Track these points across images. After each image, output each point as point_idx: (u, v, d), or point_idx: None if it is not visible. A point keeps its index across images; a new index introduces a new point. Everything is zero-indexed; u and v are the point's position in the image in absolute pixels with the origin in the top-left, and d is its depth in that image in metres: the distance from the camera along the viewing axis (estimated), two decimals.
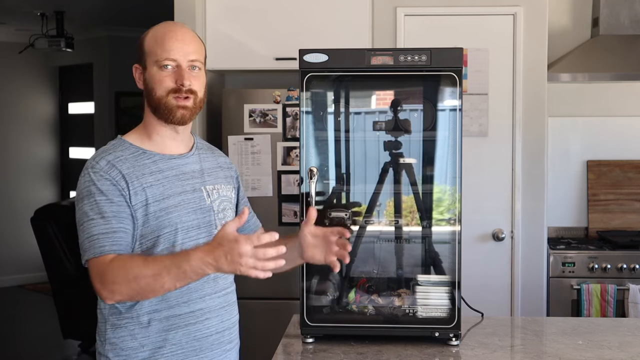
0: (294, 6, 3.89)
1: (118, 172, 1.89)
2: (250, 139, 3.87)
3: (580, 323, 2.66)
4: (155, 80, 1.95)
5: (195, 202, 1.97)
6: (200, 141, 2.14)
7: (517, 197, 3.87)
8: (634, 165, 4.30)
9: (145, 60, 1.97)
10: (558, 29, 4.27)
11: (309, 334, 2.39)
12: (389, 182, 2.62)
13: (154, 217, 1.89)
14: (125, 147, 1.97)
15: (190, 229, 1.94)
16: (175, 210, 1.92)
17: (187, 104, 1.95)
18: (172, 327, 1.93)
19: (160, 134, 2.00)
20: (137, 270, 1.77)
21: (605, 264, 3.81)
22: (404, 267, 2.64)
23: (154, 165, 1.95)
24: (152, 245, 1.89)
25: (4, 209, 7.96)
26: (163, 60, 1.94)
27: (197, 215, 1.96)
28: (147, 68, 1.97)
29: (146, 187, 1.90)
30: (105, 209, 1.86)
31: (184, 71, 1.94)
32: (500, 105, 3.88)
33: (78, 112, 8.43)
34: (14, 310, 7.15)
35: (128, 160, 1.93)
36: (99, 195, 1.87)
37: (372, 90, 2.76)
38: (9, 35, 7.76)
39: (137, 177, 1.90)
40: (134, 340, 1.92)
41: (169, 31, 1.97)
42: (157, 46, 1.95)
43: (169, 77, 1.94)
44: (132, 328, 1.92)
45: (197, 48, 1.99)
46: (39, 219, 5.48)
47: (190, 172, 2.00)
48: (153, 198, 1.90)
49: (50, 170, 8.46)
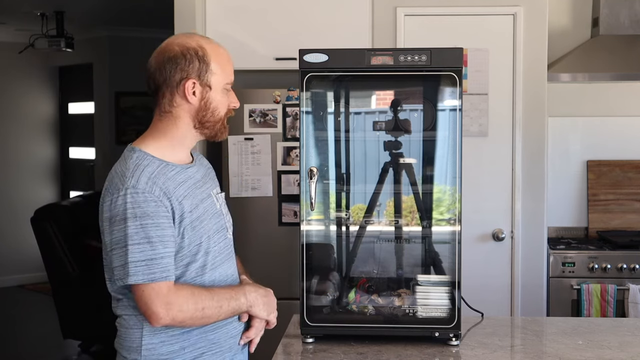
0: (294, 6, 3.89)
1: (159, 189, 1.88)
2: (250, 139, 3.86)
3: (580, 323, 2.66)
4: (221, 102, 2.01)
5: (212, 208, 2.03)
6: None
7: (517, 197, 3.87)
8: (634, 165, 4.30)
9: (210, 79, 1.97)
10: (558, 29, 4.27)
11: (309, 334, 2.39)
12: (389, 182, 2.62)
13: (192, 227, 1.93)
14: (150, 161, 1.92)
15: (214, 233, 2.01)
16: (205, 218, 1.98)
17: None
18: (212, 328, 1.98)
19: (185, 146, 2.03)
20: (207, 301, 1.91)
21: (605, 264, 3.81)
22: (404, 267, 2.64)
23: (179, 176, 1.96)
24: (192, 254, 1.94)
25: (4, 209, 7.96)
26: (229, 83, 2.02)
27: (216, 220, 2.03)
28: (212, 87, 1.98)
29: (182, 199, 1.92)
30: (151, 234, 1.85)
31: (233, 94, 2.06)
32: (500, 105, 3.88)
33: (78, 112, 8.43)
34: (14, 310, 7.15)
35: (159, 175, 1.91)
36: (144, 219, 1.85)
37: (372, 90, 2.76)
38: (9, 35, 7.76)
39: (173, 190, 1.91)
40: (174, 344, 1.94)
41: (225, 53, 2.03)
42: (223, 68, 2.00)
43: (230, 98, 2.04)
44: (172, 332, 1.93)
45: None
46: (39, 219, 5.48)
47: (200, 180, 2.04)
48: (188, 209, 1.93)
49: (50, 170, 8.46)
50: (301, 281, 2.43)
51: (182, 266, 1.93)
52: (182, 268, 1.93)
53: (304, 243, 2.44)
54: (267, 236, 3.86)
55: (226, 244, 2.06)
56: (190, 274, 1.95)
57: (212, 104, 1.99)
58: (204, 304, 1.90)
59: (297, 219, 3.75)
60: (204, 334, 1.97)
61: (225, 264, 2.04)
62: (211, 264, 1.99)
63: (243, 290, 2.00)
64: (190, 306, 1.88)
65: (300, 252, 2.44)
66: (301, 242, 2.45)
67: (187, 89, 1.95)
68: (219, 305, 1.93)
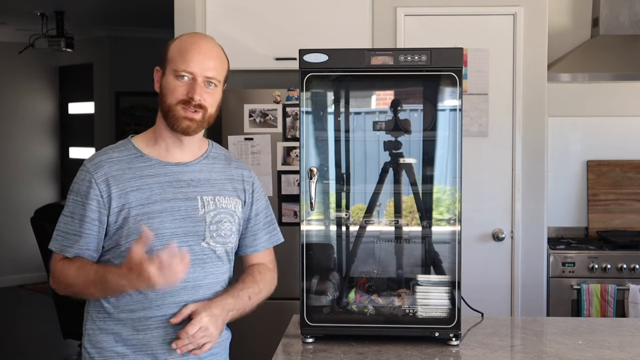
0: (294, 6, 3.89)
1: (103, 174, 1.96)
2: (250, 139, 3.86)
3: (580, 323, 2.66)
4: (169, 88, 1.98)
5: (186, 210, 1.99)
6: (217, 150, 2.16)
7: (517, 197, 3.87)
8: (634, 165, 4.30)
9: (166, 66, 2.01)
10: (558, 29, 4.27)
11: (309, 334, 2.39)
12: (389, 182, 2.62)
13: (135, 221, 1.94)
14: (127, 149, 2.02)
15: (173, 236, 1.95)
16: (158, 216, 1.95)
17: (195, 116, 1.98)
18: (143, 328, 1.96)
19: (165, 140, 2.03)
20: (71, 279, 1.95)
21: (605, 264, 3.81)
22: (404, 267, 2.64)
23: (147, 170, 1.99)
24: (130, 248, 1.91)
25: (4, 209, 7.96)
26: (181, 71, 1.97)
27: (184, 224, 1.98)
28: (165, 74, 2.00)
29: (130, 191, 1.95)
30: (76, 211, 1.97)
31: (198, 85, 1.97)
32: (500, 105, 3.88)
33: (78, 112, 8.43)
34: (14, 310, 7.15)
35: (121, 162, 1.99)
36: (75, 195, 1.98)
37: (372, 90, 2.75)
38: (9, 35, 7.76)
39: (124, 180, 1.96)
40: (107, 335, 1.98)
41: (194, 43, 2.00)
42: (180, 55, 1.98)
43: (182, 87, 1.97)
44: (109, 322, 1.98)
45: (217, 65, 2.02)
46: (39, 219, 5.48)
47: (186, 181, 2.02)
48: (136, 202, 1.95)
49: (50, 170, 8.46)
50: (301, 281, 2.43)
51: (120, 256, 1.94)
52: (120, 258, 1.93)
53: (304, 243, 2.45)
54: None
55: (193, 250, 1.96)
56: None
57: (163, 90, 2.00)
58: (69, 281, 1.95)
59: (297, 219, 3.75)
60: (136, 332, 1.96)
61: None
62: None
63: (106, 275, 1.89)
64: (61, 280, 1.98)
65: (300, 252, 2.44)
66: (301, 242, 2.45)
67: (154, 76, 2.05)
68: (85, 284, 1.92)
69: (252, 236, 2.18)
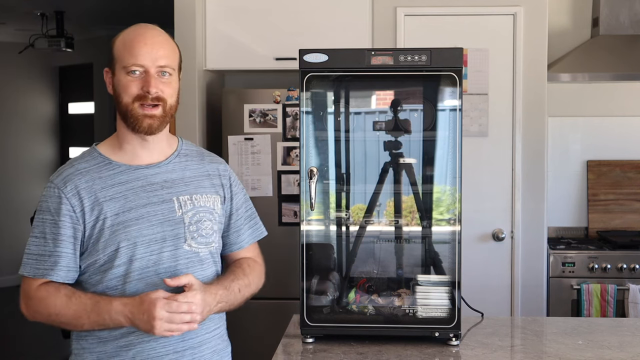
0: (294, 6, 3.89)
1: (73, 188, 1.85)
2: (250, 139, 3.86)
3: (580, 323, 2.66)
4: (121, 86, 1.87)
5: (163, 213, 1.88)
6: (188, 147, 2.04)
7: (517, 197, 3.87)
8: (634, 165, 4.30)
9: (114, 65, 1.89)
10: (558, 29, 4.27)
11: (309, 334, 2.39)
12: (389, 182, 2.62)
13: (111, 231, 1.83)
14: (93, 157, 1.92)
15: (152, 242, 1.86)
16: (135, 223, 1.85)
17: (155, 112, 1.87)
18: (126, 344, 1.85)
19: (130, 143, 1.92)
20: (59, 308, 1.82)
21: (605, 264, 3.81)
22: (404, 267, 2.64)
23: (118, 177, 1.88)
24: (110, 259, 1.84)
25: (4, 209, 7.96)
26: (130, 66, 1.85)
27: (162, 228, 1.87)
28: (115, 73, 1.89)
29: (103, 202, 1.85)
30: (47, 230, 1.85)
31: (152, 77, 1.86)
32: (500, 105, 3.88)
33: (78, 112, 8.43)
34: (14, 310, 7.14)
35: (89, 173, 1.88)
36: (45, 214, 1.86)
37: (372, 90, 2.75)
38: (9, 35, 7.76)
39: (95, 191, 1.85)
40: (92, 354, 1.89)
41: (138, 35, 1.89)
42: (126, 50, 1.87)
43: (135, 83, 1.86)
44: (92, 342, 1.89)
45: (167, 53, 1.90)
46: None
47: (160, 183, 1.91)
48: (111, 212, 1.84)
49: (50, 170, 8.45)
50: (301, 281, 2.43)
51: (99, 272, 1.85)
52: (99, 274, 1.85)
53: (304, 243, 2.44)
54: (267, 236, 3.84)
55: (175, 255, 1.88)
56: (110, 281, 1.85)
57: (116, 90, 1.88)
58: (56, 310, 1.82)
59: (297, 219, 3.75)
60: (118, 349, 1.86)
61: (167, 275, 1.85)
62: (137, 273, 1.84)
63: (108, 306, 1.78)
64: (43, 309, 1.84)
65: (300, 252, 2.44)
66: (301, 242, 2.45)
67: (105, 80, 1.94)
68: (76, 316, 1.80)
69: (236, 232, 2.07)
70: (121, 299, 1.79)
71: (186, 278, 1.81)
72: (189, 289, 1.80)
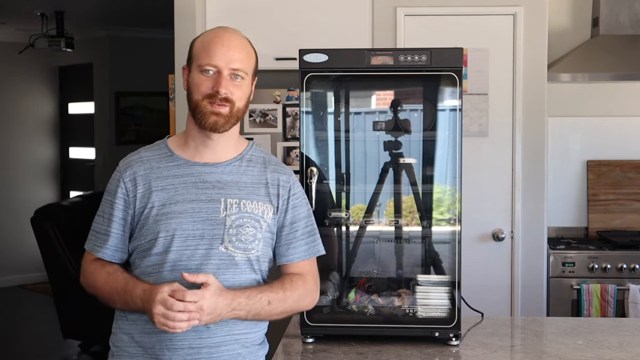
0: (294, 6, 3.89)
1: (131, 174, 1.97)
2: (250, 139, 3.85)
3: (580, 323, 2.66)
4: (194, 84, 1.95)
5: (207, 212, 1.93)
6: (255, 153, 2.07)
7: (517, 197, 3.87)
8: (634, 165, 4.30)
9: (192, 63, 1.99)
10: (558, 29, 4.27)
11: (309, 334, 2.39)
12: (389, 182, 2.62)
13: (154, 220, 1.92)
14: (159, 148, 2.03)
15: (189, 237, 1.91)
16: (178, 216, 1.92)
17: (222, 110, 1.93)
18: (149, 331, 1.91)
19: (194, 140, 2.00)
20: (100, 284, 1.96)
21: (605, 264, 3.81)
22: (404, 267, 2.64)
23: (174, 170, 1.97)
24: (149, 247, 1.93)
25: (4, 209, 7.96)
26: (205, 65, 1.94)
27: (203, 226, 1.92)
28: (191, 71, 1.98)
29: (154, 191, 1.94)
30: (106, 210, 2.00)
31: (223, 78, 1.94)
32: (500, 105, 3.88)
33: (78, 112, 8.43)
34: (14, 310, 7.15)
35: (150, 162, 1.99)
36: (107, 195, 2.01)
37: (372, 90, 2.76)
38: (9, 35, 7.76)
39: (150, 179, 1.96)
40: (124, 334, 1.98)
41: (216, 36, 1.98)
42: (203, 50, 1.96)
43: (207, 81, 1.94)
44: (126, 322, 1.98)
45: (242, 57, 2.00)
46: (39, 219, 5.48)
47: (212, 182, 1.96)
48: (159, 202, 1.93)
49: (50, 170, 8.46)
50: None
51: (140, 256, 1.95)
52: (139, 258, 1.95)
53: None
54: None
55: (209, 254, 1.91)
56: (146, 268, 1.93)
57: (189, 87, 1.98)
58: (97, 286, 1.96)
59: None
60: (144, 335, 1.93)
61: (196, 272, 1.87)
62: (170, 265, 1.90)
63: (134, 288, 1.87)
64: (90, 282, 1.99)
65: None
66: None
67: (183, 76, 2.04)
68: (111, 294, 1.93)
69: (286, 245, 2.04)
70: (143, 285, 1.87)
71: (205, 277, 1.84)
72: (205, 288, 1.83)
